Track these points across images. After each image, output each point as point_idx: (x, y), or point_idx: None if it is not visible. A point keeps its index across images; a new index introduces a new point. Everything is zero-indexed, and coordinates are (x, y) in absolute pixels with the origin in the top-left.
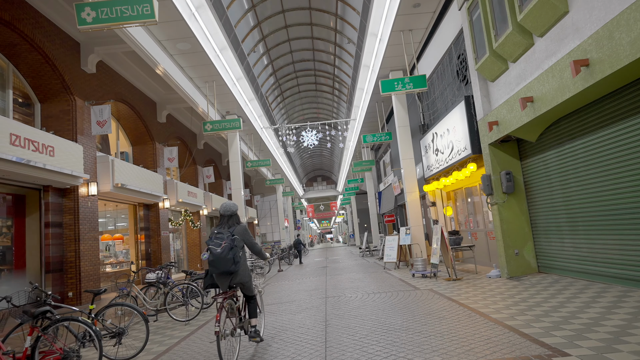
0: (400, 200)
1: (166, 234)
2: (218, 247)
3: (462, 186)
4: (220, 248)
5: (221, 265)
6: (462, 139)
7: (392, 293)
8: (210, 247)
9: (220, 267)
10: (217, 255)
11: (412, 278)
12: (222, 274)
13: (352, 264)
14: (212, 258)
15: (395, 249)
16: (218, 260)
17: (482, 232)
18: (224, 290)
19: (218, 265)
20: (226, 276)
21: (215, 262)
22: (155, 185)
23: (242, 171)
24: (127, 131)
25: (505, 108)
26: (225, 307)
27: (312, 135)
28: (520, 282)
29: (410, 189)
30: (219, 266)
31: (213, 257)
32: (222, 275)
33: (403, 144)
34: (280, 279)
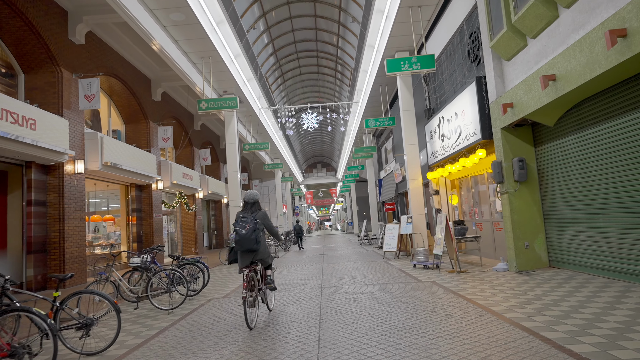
0: (402, 188)
1: (159, 217)
2: (243, 229)
3: (468, 174)
4: (245, 230)
5: (245, 244)
6: (471, 123)
7: (392, 285)
8: (237, 228)
9: (245, 245)
10: (243, 235)
11: (413, 269)
12: (246, 251)
13: (351, 252)
14: (238, 238)
15: (396, 238)
16: (243, 240)
17: (487, 222)
18: (245, 266)
19: (243, 244)
20: (249, 253)
21: (240, 241)
22: (148, 165)
23: (239, 154)
24: (120, 108)
25: (522, 88)
26: (250, 277)
27: (313, 117)
28: (530, 277)
29: (413, 175)
30: (244, 245)
31: (239, 237)
32: (246, 253)
33: (407, 129)
34: (275, 266)
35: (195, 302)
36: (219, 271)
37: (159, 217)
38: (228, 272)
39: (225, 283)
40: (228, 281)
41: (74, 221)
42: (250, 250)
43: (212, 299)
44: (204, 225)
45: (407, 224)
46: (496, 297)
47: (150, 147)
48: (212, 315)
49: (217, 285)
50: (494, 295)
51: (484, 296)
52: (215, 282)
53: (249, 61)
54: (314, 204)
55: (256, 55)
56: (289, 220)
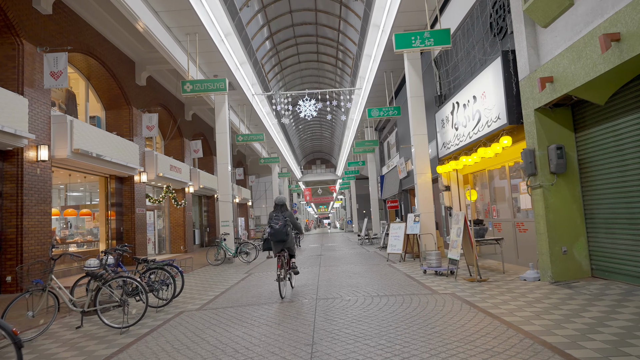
0: (406, 184)
1: (142, 212)
2: (277, 224)
3: (485, 168)
4: (278, 225)
5: (278, 236)
6: (494, 106)
7: (403, 298)
8: (271, 224)
9: (277, 237)
10: (276, 229)
11: (423, 275)
12: (278, 241)
13: (350, 252)
14: (272, 231)
15: (401, 238)
16: (276, 233)
17: (508, 222)
18: (277, 253)
19: (276, 236)
20: (280, 243)
21: (274, 234)
22: (129, 155)
23: (230, 144)
24: (100, 93)
25: (568, 57)
26: (282, 259)
27: (311, 105)
28: (574, 291)
29: (421, 169)
30: (276, 236)
31: (273, 230)
32: (278, 242)
33: (415, 117)
34: (266, 268)
35: (161, 316)
36: (203, 274)
37: (142, 212)
38: (215, 274)
39: (205, 289)
40: (210, 287)
41: (36, 215)
42: (281, 240)
43: (184, 312)
44: (195, 221)
45: (415, 223)
46: (543, 320)
47: (133, 135)
48: (178, 335)
49: (195, 292)
50: (539, 317)
51: (526, 318)
52: (193, 288)
53: (241, 43)
54: (312, 202)
55: (250, 38)
56: None
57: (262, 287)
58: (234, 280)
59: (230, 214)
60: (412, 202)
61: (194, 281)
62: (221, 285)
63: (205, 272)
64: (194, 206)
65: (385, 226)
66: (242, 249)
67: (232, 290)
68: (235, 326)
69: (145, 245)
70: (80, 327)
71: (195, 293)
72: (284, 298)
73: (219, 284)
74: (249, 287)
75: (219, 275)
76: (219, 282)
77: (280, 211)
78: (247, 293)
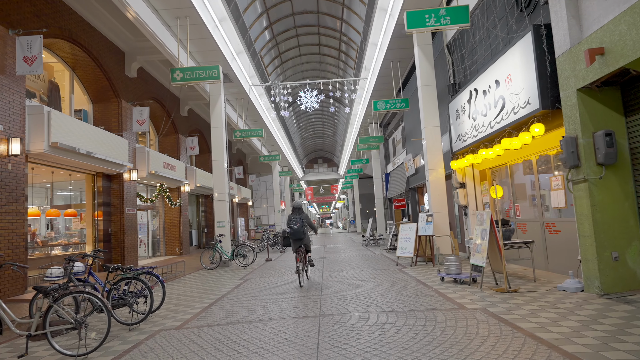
0: (414, 182)
1: (132, 212)
2: (295, 225)
3: (506, 162)
4: (296, 226)
5: (297, 235)
6: (522, 90)
7: (425, 315)
8: (291, 225)
9: (296, 236)
10: (295, 229)
11: (441, 283)
12: (296, 239)
13: (355, 255)
14: (292, 231)
15: (412, 240)
16: (295, 232)
17: (534, 223)
18: (296, 249)
19: (295, 235)
20: (299, 241)
21: (293, 233)
22: (117, 151)
23: (226, 139)
24: (86, 84)
25: (627, 21)
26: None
27: (312, 96)
28: (635, 307)
29: (433, 164)
30: (295, 235)
31: (293, 230)
32: (296, 240)
33: (427, 108)
34: (264, 274)
35: (133, 336)
36: (194, 280)
37: (132, 212)
38: (207, 280)
39: (193, 299)
40: (199, 296)
41: (8, 216)
42: (299, 238)
43: (161, 330)
44: (192, 222)
45: (427, 223)
46: (616, 352)
47: (122, 130)
48: None
49: (181, 302)
50: (607, 345)
51: (591, 347)
52: (180, 297)
53: (238, 31)
54: (314, 201)
55: (248, 27)
56: None
57: (256, 297)
58: (227, 288)
59: (226, 214)
60: (421, 201)
61: (183, 288)
62: (212, 294)
63: (197, 277)
64: (190, 206)
65: (393, 227)
66: (238, 251)
67: (223, 301)
68: (217, 354)
69: (136, 248)
70: (23, 356)
71: (181, 304)
72: (302, 287)
73: (209, 293)
74: (242, 298)
75: (212, 282)
76: (209, 290)
77: (297, 213)
78: (239, 306)
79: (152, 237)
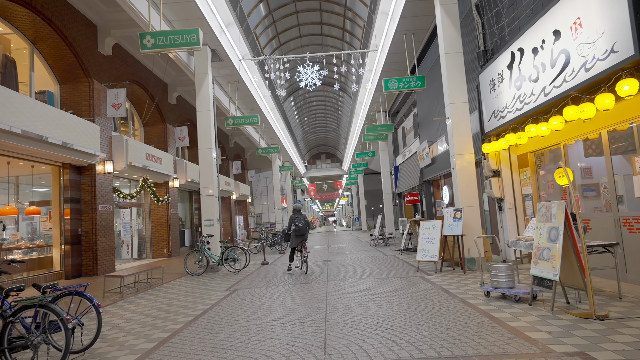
0: (429, 174)
1: (108, 209)
2: (300, 224)
3: (560, 141)
4: (301, 224)
5: (301, 232)
6: (602, 35)
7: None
8: (296, 223)
9: (300, 232)
10: (300, 227)
11: (487, 300)
12: (300, 235)
13: (364, 258)
14: (297, 228)
15: (437, 241)
16: (300, 229)
17: (605, 219)
18: (296, 244)
19: (300, 231)
20: (301, 237)
21: (299, 230)
22: (85, 138)
23: (215, 126)
24: (50, 61)
25: None
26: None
27: (313, 72)
28: None
29: (461, 148)
30: (300, 232)
31: (298, 228)
32: (299, 236)
33: (452, 81)
34: (256, 282)
35: None
36: (170, 291)
37: (107, 209)
38: (185, 291)
39: (155, 324)
40: (166, 317)
41: None
42: (302, 234)
43: None
44: (184, 221)
45: (455, 220)
46: None
47: (94, 115)
48: None
49: (135, 331)
50: None
51: None
52: (139, 321)
53: (227, 1)
54: (317, 199)
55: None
56: (289, 216)
57: (237, 323)
58: (205, 305)
59: (215, 211)
60: (437, 195)
61: (152, 304)
62: (182, 314)
63: (175, 287)
64: (182, 203)
65: (407, 225)
66: (228, 254)
67: (190, 330)
68: None
69: (112, 251)
70: None
71: (134, 333)
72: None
73: (179, 312)
74: (218, 323)
75: (190, 294)
76: (182, 308)
77: (299, 214)
78: (210, 339)
79: (138, 238)
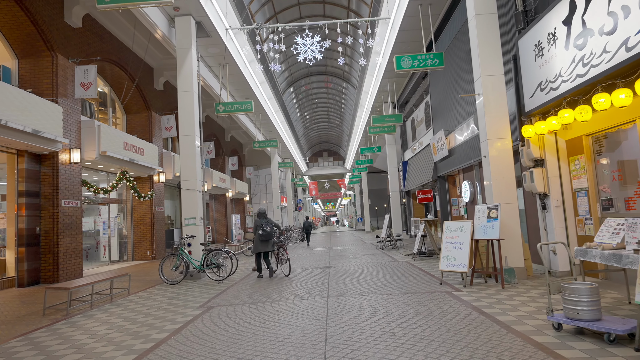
0: (444, 168)
1: (74, 205)
2: (267, 228)
3: (636, 116)
4: (268, 228)
5: (269, 237)
6: None
7: None
8: (263, 227)
9: (268, 237)
10: (267, 232)
11: (558, 335)
12: (266, 240)
13: (372, 263)
14: (264, 233)
15: (467, 247)
16: (268, 234)
17: None
18: (267, 251)
19: (268, 236)
20: (268, 242)
21: (266, 235)
22: (44, 121)
23: (199, 109)
24: (5, 31)
25: None
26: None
27: (314, 43)
28: None
29: (496, 132)
30: (268, 237)
31: (264, 232)
32: (266, 242)
33: (485, 48)
34: (240, 295)
35: None
36: (133, 306)
37: (72, 205)
38: (152, 307)
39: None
40: (97, 356)
41: None
42: (269, 239)
43: None
44: (174, 220)
45: (489, 221)
46: None
47: (58, 95)
48: None
49: None
50: None
51: None
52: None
53: None
54: (319, 198)
55: None
56: (289, 216)
57: None
58: (163, 332)
59: (198, 208)
60: (453, 193)
61: (97, 326)
62: (124, 349)
63: (141, 300)
64: (171, 200)
65: (421, 226)
66: (211, 259)
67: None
68: None
69: (79, 253)
70: None
71: None
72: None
73: (124, 345)
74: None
75: (153, 312)
76: (130, 337)
77: (264, 217)
78: None
79: (118, 238)
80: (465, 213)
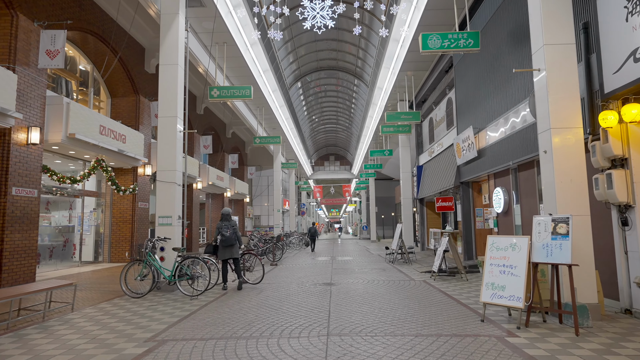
0: (469, 173)
1: (29, 195)
2: (227, 232)
3: None
4: (228, 233)
5: (229, 242)
6: None
7: None
8: (222, 232)
9: (228, 242)
10: (227, 236)
11: None
12: (227, 246)
13: (382, 281)
14: (224, 238)
15: (522, 273)
16: (228, 239)
17: None
18: (227, 258)
19: (227, 242)
20: (229, 248)
21: (225, 240)
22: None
23: (185, 86)
24: None
25: None
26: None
27: (324, 7)
28: None
29: (562, 119)
30: (227, 242)
31: (224, 237)
32: (227, 247)
33: (550, 11)
34: (211, 322)
35: None
36: (65, 330)
37: (28, 195)
38: (83, 336)
39: None
40: None
41: None
42: (231, 245)
43: None
44: None
45: (555, 238)
46: None
47: (15, 62)
48: None
49: None
50: None
51: None
52: None
53: None
54: (323, 203)
55: None
56: (291, 220)
57: None
58: None
59: (176, 205)
60: (478, 202)
61: None
62: None
63: (81, 322)
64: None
65: (443, 239)
66: (185, 270)
67: None
68: None
69: (32, 253)
70: None
71: None
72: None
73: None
74: None
75: (82, 345)
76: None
77: (227, 220)
78: None
79: (94, 236)
80: (496, 226)
